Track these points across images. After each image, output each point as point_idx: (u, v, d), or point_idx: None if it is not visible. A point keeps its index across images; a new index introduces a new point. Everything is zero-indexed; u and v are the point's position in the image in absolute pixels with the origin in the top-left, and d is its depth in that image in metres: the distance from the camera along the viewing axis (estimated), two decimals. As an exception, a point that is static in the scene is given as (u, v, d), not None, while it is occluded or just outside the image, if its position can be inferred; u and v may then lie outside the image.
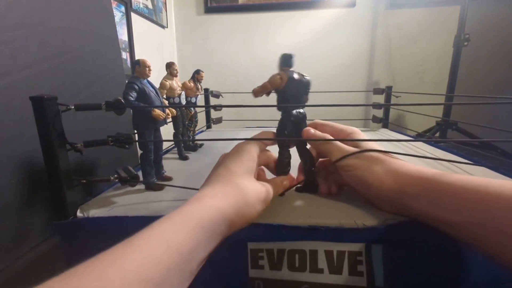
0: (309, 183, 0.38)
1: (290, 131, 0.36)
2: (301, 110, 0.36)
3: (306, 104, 0.36)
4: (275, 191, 0.32)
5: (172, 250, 0.19)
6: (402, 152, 0.34)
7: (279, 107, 0.36)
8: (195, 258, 0.21)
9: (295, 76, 0.34)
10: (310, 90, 0.37)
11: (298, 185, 0.38)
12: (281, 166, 0.36)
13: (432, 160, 0.53)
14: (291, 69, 0.35)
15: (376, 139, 0.34)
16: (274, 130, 0.37)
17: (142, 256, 0.18)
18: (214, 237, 0.23)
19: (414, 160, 0.40)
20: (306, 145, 0.37)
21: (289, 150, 0.37)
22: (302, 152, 0.37)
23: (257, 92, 0.35)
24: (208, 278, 0.31)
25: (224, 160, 0.32)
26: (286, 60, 0.35)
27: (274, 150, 0.38)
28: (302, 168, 0.38)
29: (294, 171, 0.38)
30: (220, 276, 0.31)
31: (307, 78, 0.36)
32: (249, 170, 0.30)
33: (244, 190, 0.28)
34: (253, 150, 0.33)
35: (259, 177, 0.36)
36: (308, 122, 0.37)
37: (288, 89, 0.34)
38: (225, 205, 0.25)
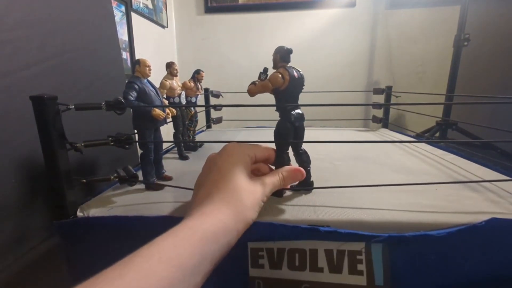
0: (305, 182, 0.38)
1: (289, 132, 0.35)
2: (299, 110, 0.35)
3: (305, 103, 0.35)
4: (276, 184, 0.31)
5: (174, 266, 0.19)
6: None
7: (277, 107, 0.35)
8: (200, 272, 0.21)
9: (295, 74, 0.33)
10: (304, 87, 0.35)
11: (294, 184, 0.38)
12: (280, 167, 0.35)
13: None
14: (289, 65, 0.33)
15: (377, 141, 0.34)
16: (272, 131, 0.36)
17: (142, 275, 0.18)
18: (220, 249, 0.23)
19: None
20: (302, 144, 0.37)
21: (287, 153, 0.36)
22: (299, 152, 0.37)
23: (254, 92, 0.33)
24: (208, 277, 0.31)
25: (215, 163, 0.30)
26: (285, 55, 0.33)
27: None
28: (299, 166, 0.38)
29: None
30: (220, 276, 0.31)
31: (302, 73, 0.34)
32: (243, 171, 0.29)
33: (243, 195, 0.27)
34: (244, 151, 0.31)
35: (262, 170, 0.35)
36: (305, 123, 0.37)
37: (289, 89, 0.33)
38: (228, 215, 0.25)
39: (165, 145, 0.63)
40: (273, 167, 0.36)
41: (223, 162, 0.30)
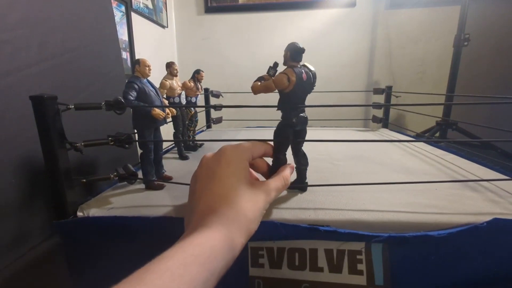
0: (300, 181, 0.38)
1: (288, 136, 0.34)
2: (304, 114, 0.33)
3: (306, 104, 0.34)
4: (280, 189, 0.31)
5: (185, 284, 0.20)
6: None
7: (278, 107, 0.34)
8: (208, 287, 0.22)
9: (304, 75, 0.31)
10: (315, 85, 0.33)
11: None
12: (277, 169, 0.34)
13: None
14: (300, 65, 0.31)
15: (376, 140, 0.34)
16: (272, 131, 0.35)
17: None
18: (226, 264, 0.24)
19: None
20: (302, 144, 0.37)
21: (285, 154, 0.35)
22: (297, 152, 0.37)
23: (257, 90, 0.32)
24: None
25: (214, 172, 0.29)
26: (297, 54, 0.30)
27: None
28: (296, 167, 0.37)
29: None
30: (220, 275, 0.31)
31: (313, 71, 0.32)
32: (245, 181, 0.28)
33: (247, 208, 0.27)
34: (243, 156, 0.30)
35: (256, 165, 0.34)
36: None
37: (295, 92, 0.31)
38: (234, 231, 0.25)
39: (165, 145, 0.63)
40: (269, 162, 0.36)
41: (223, 172, 0.28)
